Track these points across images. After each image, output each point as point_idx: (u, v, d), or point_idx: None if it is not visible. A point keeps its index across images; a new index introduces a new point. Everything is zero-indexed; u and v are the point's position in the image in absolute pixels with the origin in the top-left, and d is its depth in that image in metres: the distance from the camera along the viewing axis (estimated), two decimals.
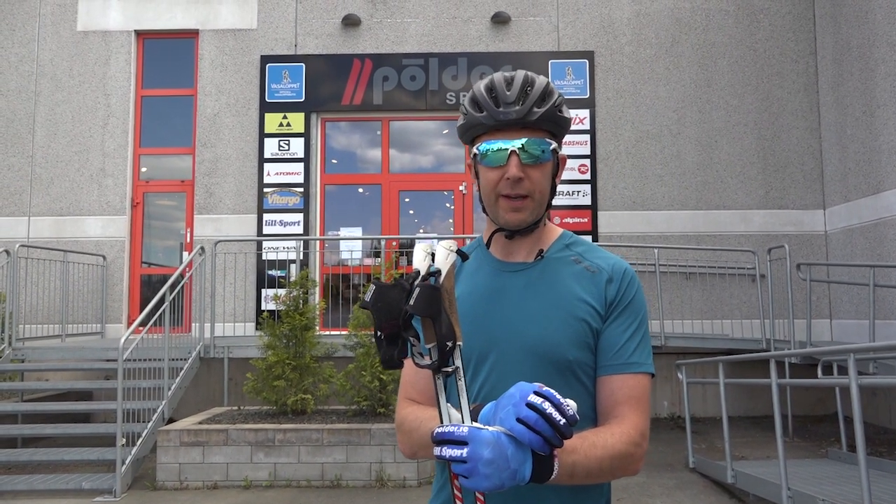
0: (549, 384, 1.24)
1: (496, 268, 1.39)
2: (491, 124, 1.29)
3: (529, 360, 1.28)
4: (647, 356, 1.32)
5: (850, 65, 8.68)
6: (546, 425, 0.99)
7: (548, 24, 9.71)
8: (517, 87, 1.29)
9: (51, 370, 8.11)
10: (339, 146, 10.09)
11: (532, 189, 1.30)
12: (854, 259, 8.51)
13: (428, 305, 1.06)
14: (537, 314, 1.30)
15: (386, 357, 1.10)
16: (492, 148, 1.30)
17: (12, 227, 9.45)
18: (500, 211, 1.32)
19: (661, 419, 8.99)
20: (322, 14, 9.78)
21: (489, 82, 1.32)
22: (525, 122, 1.28)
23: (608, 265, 1.37)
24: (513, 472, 1.02)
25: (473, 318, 1.31)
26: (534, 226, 1.35)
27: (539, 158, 1.30)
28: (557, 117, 1.31)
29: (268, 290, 9.09)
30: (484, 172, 1.32)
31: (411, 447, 1.33)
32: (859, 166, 8.48)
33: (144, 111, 9.91)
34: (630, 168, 9.47)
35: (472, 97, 1.34)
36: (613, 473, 1.21)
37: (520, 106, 1.28)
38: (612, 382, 1.29)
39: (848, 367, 3.96)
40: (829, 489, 4.68)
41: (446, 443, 1.03)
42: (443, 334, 1.07)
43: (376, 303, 1.09)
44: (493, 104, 1.29)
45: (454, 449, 1.01)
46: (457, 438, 1.02)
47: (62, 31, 9.78)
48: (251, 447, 6.00)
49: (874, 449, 6.86)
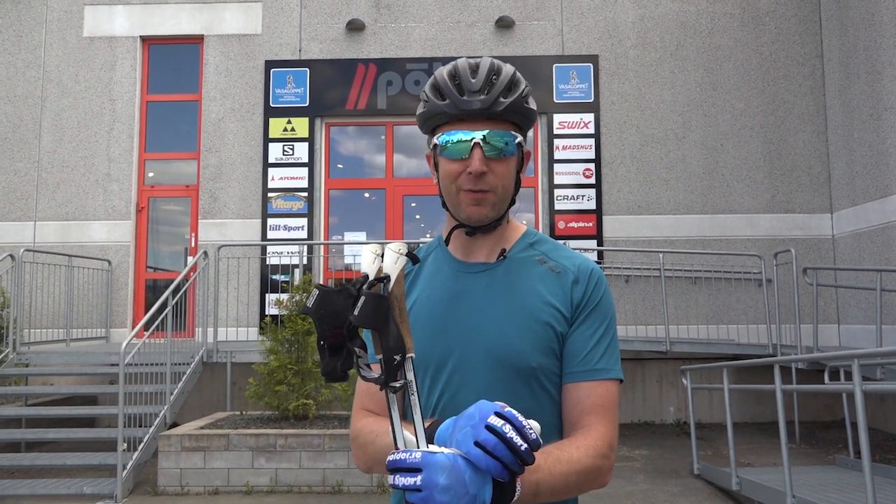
0: (512, 392, 1.20)
1: (456, 269, 1.31)
2: (453, 113, 1.21)
3: (491, 367, 1.21)
4: (615, 362, 1.25)
5: (856, 67, 8.62)
6: (506, 450, 0.92)
7: (552, 28, 9.69)
8: (482, 75, 1.22)
9: (55, 374, 8.14)
10: (343, 151, 10.09)
11: (495, 184, 1.23)
12: (862, 263, 8.43)
13: (374, 316, 0.98)
14: (500, 318, 1.23)
15: (328, 369, 1.02)
16: (453, 139, 1.22)
17: (18, 231, 9.50)
18: (461, 205, 1.24)
19: (667, 425, 8.92)
20: (326, 19, 9.80)
21: (452, 68, 1.25)
22: (490, 113, 1.21)
23: (574, 265, 1.29)
24: (472, 497, 0.94)
25: (432, 323, 1.25)
26: (496, 222, 1.28)
27: (503, 152, 1.22)
28: (524, 109, 1.24)
29: (271, 295, 9.08)
30: (444, 164, 1.24)
31: (366, 462, 1.25)
32: (867, 170, 8.41)
33: (150, 116, 9.96)
34: (635, 172, 9.43)
35: (433, 83, 1.25)
36: (580, 488, 1.15)
37: (485, 95, 1.20)
38: (579, 390, 1.22)
39: (852, 373, 3.90)
40: (834, 496, 4.61)
41: (399, 471, 0.96)
42: (390, 347, 0.99)
43: (318, 310, 1.00)
44: (456, 92, 1.21)
45: (407, 477, 0.94)
46: (409, 465, 0.95)
47: (68, 37, 9.85)
48: (252, 452, 5.98)
49: (883, 456, 6.78)
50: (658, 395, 9.12)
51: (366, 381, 1.02)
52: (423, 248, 1.40)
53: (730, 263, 9.02)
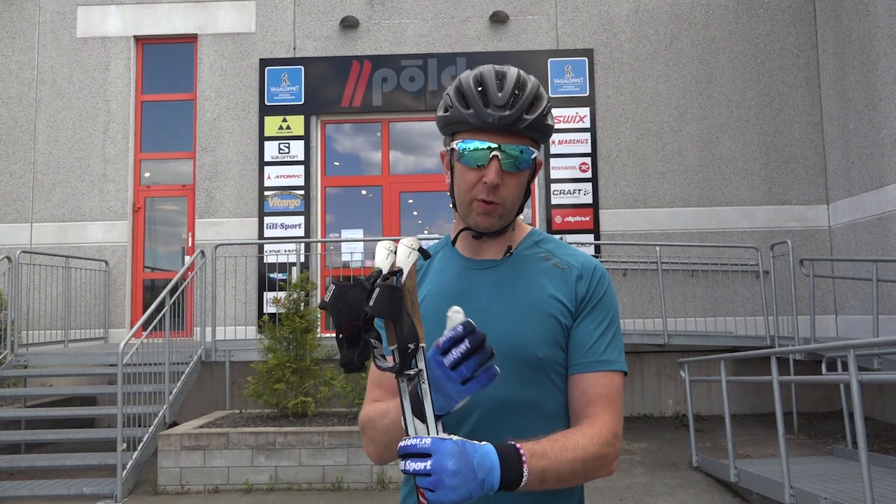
0: (519, 382, 1.25)
1: (464, 266, 1.36)
2: (476, 124, 1.24)
3: (499, 359, 1.23)
4: (620, 354, 1.30)
5: (851, 58, 8.62)
6: (461, 349, 1.04)
7: (546, 22, 9.67)
8: (509, 89, 1.24)
9: (54, 376, 8.13)
10: (339, 148, 10.08)
11: (506, 197, 1.27)
12: (858, 254, 8.44)
13: (388, 306, 1.03)
14: (506, 311, 1.27)
15: (346, 360, 1.07)
16: (471, 147, 1.25)
17: (15, 233, 9.49)
18: (472, 213, 1.29)
19: (666, 418, 8.94)
20: (320, 16, 9.78)
21: (479, 76, 1.27)
22: (512, 129, 1.24)
23: (578, 262, 1.34)
24: (480, 481, 0.99)
25: (441, 317, 1.28)
26: (502, 230, 1.33)
27: (519, 165, 1.27)
28: (544, 126, 1.28)
29: (269, 294, 9.08)
30: (461, 171, 1.28)
31: (375, 442, 1.28)
32: (862, 160, 8.41)
33: (145, 116, 9.93)
34: (631, 166, 9.43)
35: (458, 88, 1.28)
36: (587, 476, 1.18)
37: (510, 111, 1.23)
38: (584, 381, 1.26)
39: (848, 364, 3.91)
40: (832, 487, 4.63)
41: (409, 456, 1.00)
42: (404, 336, 1.04)
43: (336, 304, 1.05)
44: (481, 103, 1.24)
45: (417, 462, 0.98)
46: (419, 451, 0.99)
47: (62, 38, 9.82)
48: (252, 450, 5.99)
49: (881, 446, 6.80)
50: (656, 388, 9.14)
51: (381, 370, 1.07)
52: (432, 247, 1.44)
53: (727, 256, 9.03)
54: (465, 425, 1.24)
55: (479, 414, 1.24)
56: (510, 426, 1.23)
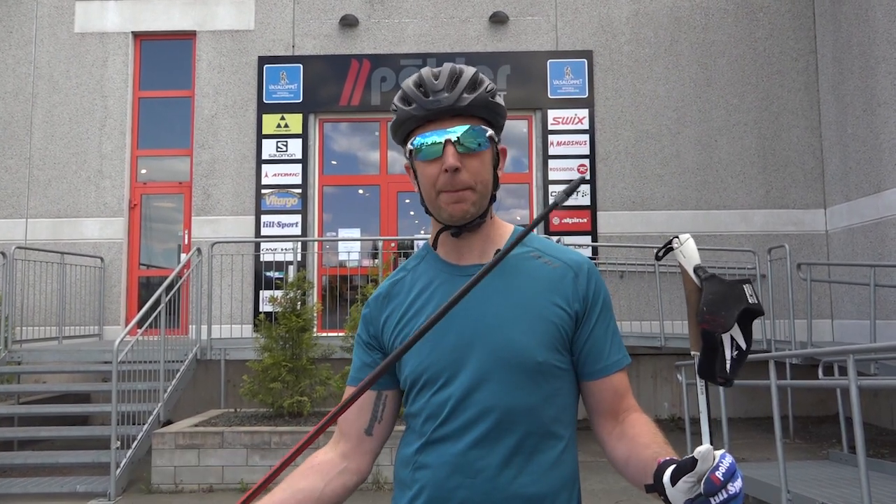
0: (520, 388, 1.23)
1: (452, 273, 1.32)
2: (422, 115, 1.24)
3: (499, 366, 1.23)
4: (623, 346, 1.35)
5: (850, 63, 8.63)
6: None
7: (546, 23, 9.67)
8: (445, 77, 1.25)
9: (48, 372, 8.09)
10: (337, 147, 10.05)
11: (472, 180, 1.24)
12: (855, 259, 8.45)
13: None
14: (502, 317, 1.25)
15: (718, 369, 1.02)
16: (426, 141, 1.25)
17: (10, 229, 9.43)
18: (442, 206, 1.26)
19: (662, 420, 8.93)
20: (319, 15, 9.75)
21: (416, 77, 1.28)
22: (457, 109, 1.24)
23: (568, 260, 1.32)
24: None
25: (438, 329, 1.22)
26: (479, 220, 1.29)
27: (475, 145, 1.25)
28: (490, 103, 1.27)
29: (265, 292, 9.05)
30: (421, 168, 1.27)
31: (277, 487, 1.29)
32: (860, 165, 8.42)
33: (142, 113, 9.89)
34: (630, 168, 9.42)
35: (400, 94, 1.29)
36: None
37: (449, 93, 1.23)
38: (612, 381, 1.31)
39: (847, 369, 3.90)
40: (829, 491, 4.62)
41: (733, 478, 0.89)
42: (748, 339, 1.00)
43: (726, 300, 0.99)
44: (421, 95, 1.25)
45: (736, 482, 0.89)
46: (734, 471, 0.89)
47: (59, 32, 9.77)
48: (247, 450, 5.96)
49: (876, 451, 6.80)
50: (652, 391, 9.14)
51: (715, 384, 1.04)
52: (412, 259, 1.41)
53: (724, 259, 9.02)
54: (469, 435, 1.22)
55: (488, 424, 1.22)
56: (510, 434, 1.21)
